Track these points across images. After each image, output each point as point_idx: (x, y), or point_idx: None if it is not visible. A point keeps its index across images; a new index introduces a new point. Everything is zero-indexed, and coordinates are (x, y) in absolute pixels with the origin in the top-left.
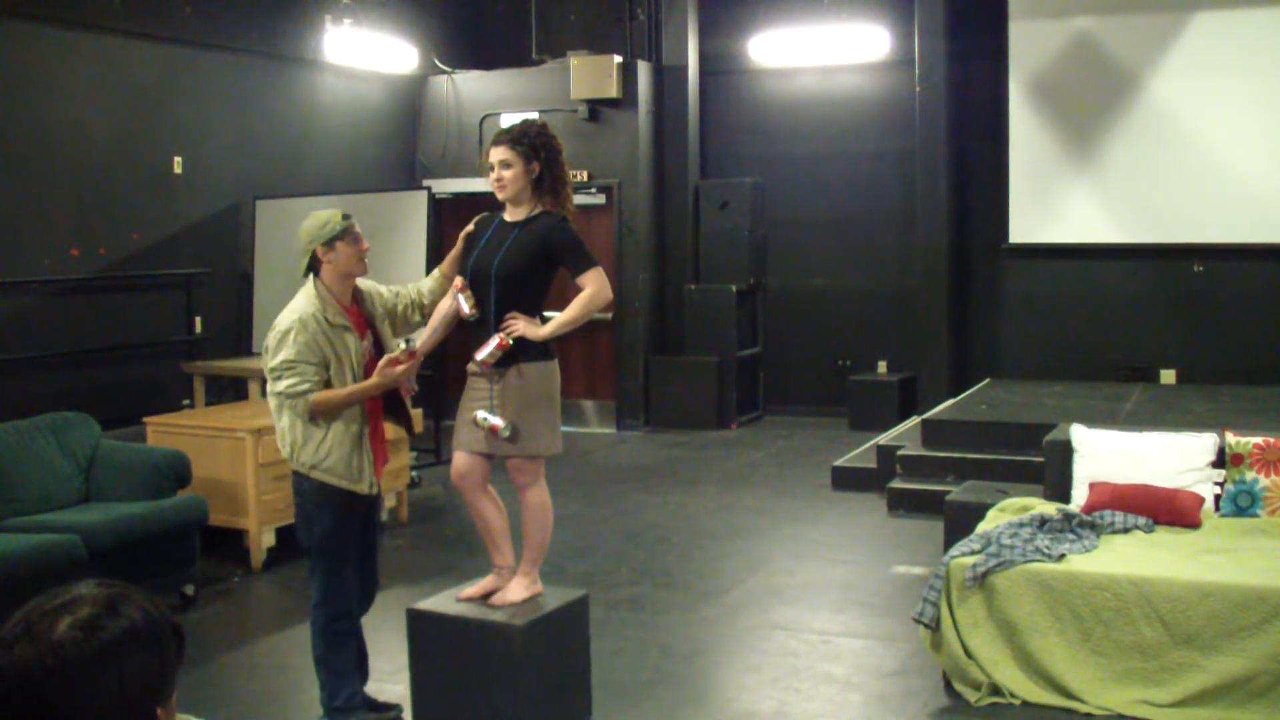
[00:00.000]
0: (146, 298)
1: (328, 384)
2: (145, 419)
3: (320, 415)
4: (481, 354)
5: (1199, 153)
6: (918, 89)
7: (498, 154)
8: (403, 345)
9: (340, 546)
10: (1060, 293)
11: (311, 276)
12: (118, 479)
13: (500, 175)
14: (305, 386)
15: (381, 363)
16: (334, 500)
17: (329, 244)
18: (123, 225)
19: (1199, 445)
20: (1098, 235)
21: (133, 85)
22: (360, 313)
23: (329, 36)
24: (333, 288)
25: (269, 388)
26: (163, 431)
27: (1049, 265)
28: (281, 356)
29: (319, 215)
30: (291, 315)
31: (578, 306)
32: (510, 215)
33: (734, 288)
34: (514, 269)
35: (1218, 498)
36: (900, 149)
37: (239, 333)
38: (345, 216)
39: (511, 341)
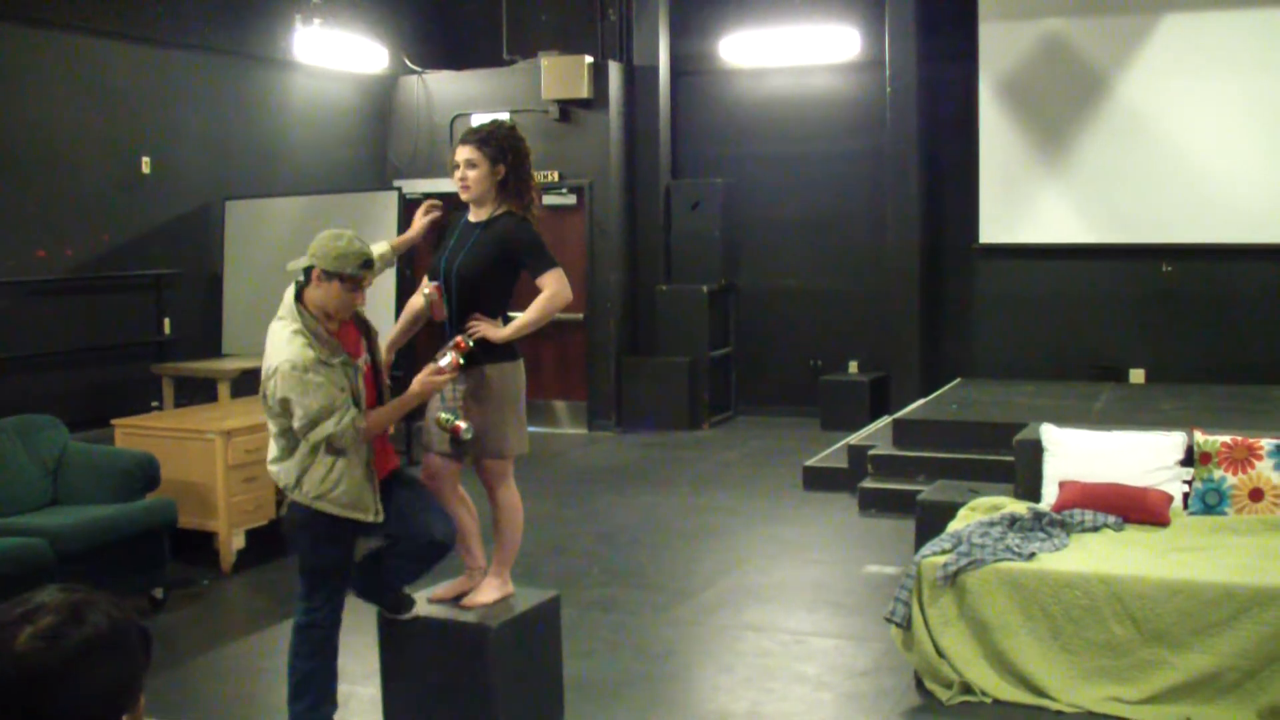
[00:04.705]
0: (115, 299)
1: None
2: (114, 421)
3: (371, 438)
4: (442, 361)
5: (1168, 153)
6: (888, 90)
7: (464, 153)
8: (450, 355)
9: (343, 571)
10: (1030, 293)
11: (296, 295)
12: (86, 482)
13: (465, 175)
14: (350, 417)
15: (426, 372)
16: (339, 531)
17: (330, 275)
18: (91, 226)
19: (1168, 444)
20: (1068, 235)
21: (101, 85)
22: (354, 324)
23: (299, 36)
24: (315, 313)
25: (310, 436)
26: (131, 434)
27: (1019, 265)
28: (307, 404)
29: (346, 242)
30: (292, 361)
31: (537, 308)
32: (474, 216)
33: (705, 288)
34: (474, 270)
35: (1186, 496)
36: (871, 149)
37: (209, 334)
38: (367, 263)
39: (471, 344)
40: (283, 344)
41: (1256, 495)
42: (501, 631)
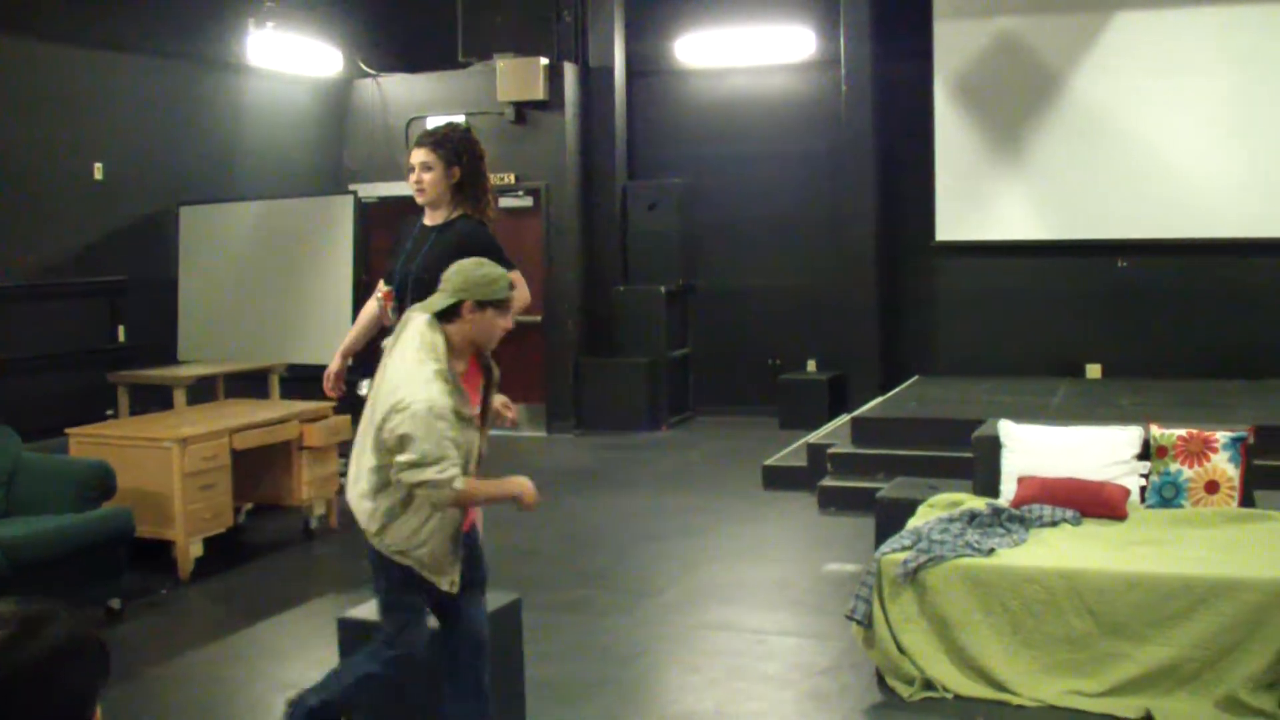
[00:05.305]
0: (68, 306)
1: None
2: (68, 430)
3: (454, 506)
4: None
5: (1122, 150)
6: (844, 89)
7: (419, 156)
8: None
9: (422, 610)
10: (987, 290)
11: (438, 328)
12: (40, 491)
13: (420, 178)
14: (453, 472)
15: (526, 493)
16: (416, 585)
17: (482, 304)
18: (43, 232)
19: (1125, 438)
20: (1023, 232)
21: (52, 90)
22: (477, 369)
23: (252, 40)
24: (456, 350)
25: (403, 476)
26: (86, 442)
27: (976, 263)
28: (425, 449)
29: (489, 269)
30: (429, 402)
31: None
32: (429, 219)
33: (663, 289)
34: (431, 274)
35: (1143, 489)
36: (827, 149)
37: (164, 341)
38: (511, 284)
39: None
40: (421, 382)
41: (1212, 487)
42: None
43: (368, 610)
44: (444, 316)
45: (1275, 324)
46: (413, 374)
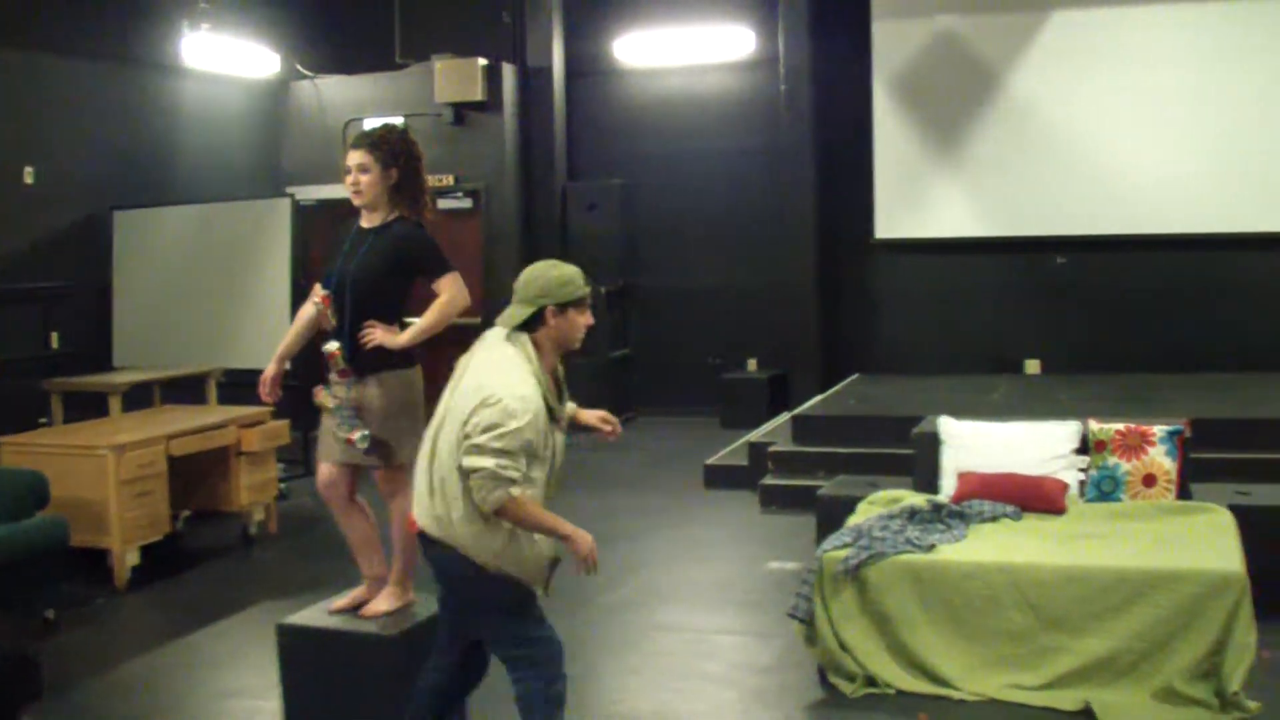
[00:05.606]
0: None
1: None
2: (0, 438)
3: (501, 518)
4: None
5: (1059, 147)
6: (783, 88)
7: (355, 158)
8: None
9: (529, 616)
10: (927, 287)
11: (525, 338)
12: None
13: (357, 180)
14: (514, 475)
15: (583, 545)
16: (521, 602)
17: (563, 307)
18: None
19: (1063, 433)
20: (962, 230)
21: None
22: (555, 386)
23: (187, 41)
24: (545, 358)
25: (465, 459)
26: (19, 451)
27: (915, 260)
28: (501, 443)
29: (561, 268)
30: (520, 401)
31: (435, 312)
32: (366, 221)
33: (604, 289)
34: (369, 277)
35: (1082, 483)
36: (767, 147)
37: (99, 348)
38: (587, 280)
39: (339, 352)
40: (518, 380)
41: (1150, 481)
42: (402, 641)
43: (307, 615)
44: (524, 327)
45: (1210, 318)
46: (502, 372)
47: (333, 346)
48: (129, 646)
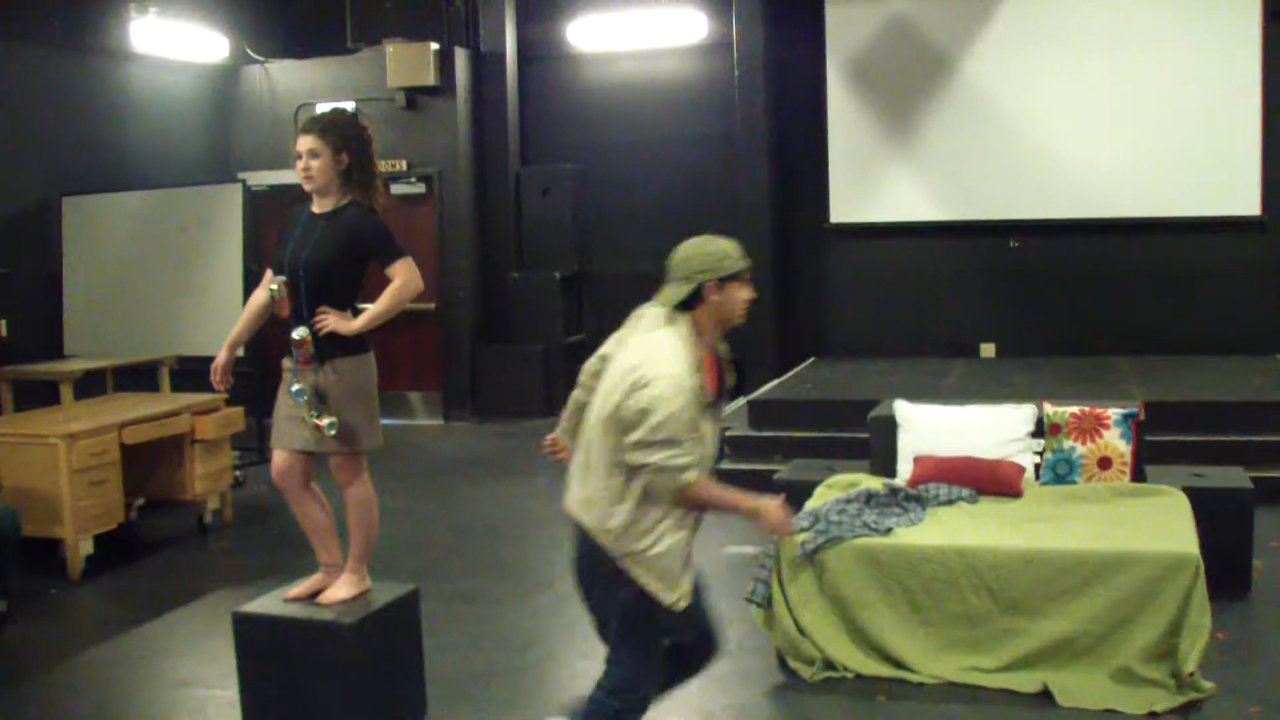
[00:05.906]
0: None
1: None
2: None
3: (683, 505)
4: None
5: (1014, 131)
6: (736, 72)
7: (306, 143)
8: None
9: (656, 647)
10: (882, 271)
11: (684, 317)
12: None
13: (308, 165)
14: (684, 462)
15: (771, 517)
16: (651, 616)
17: (723, 281)
18: None
19: (1018, 416)
20: (917, 214)
21: None
22: (713, 358)
23: (134, 26)
24: (703, 336)
25: (630, 456)
26: None
27: (870, 245)
28: (663, 433)
29: (717, 243)
30: (674, 379)
31: (388, 298)
32: (318, 206)
33: (558, 274)
34: (322, 263)
35: (1038, 467)
36: (721, 132)
37: (49, 335)
38: (743, 253)
39: (305, 337)
40: (666, 359)
41: (1105, 463)
42: (359, 628)
43: (263, 603)
44: (683, 305)
45: (1164, 302)
46: (657, 352)
47: (302, 333)
48: (83, 637)
